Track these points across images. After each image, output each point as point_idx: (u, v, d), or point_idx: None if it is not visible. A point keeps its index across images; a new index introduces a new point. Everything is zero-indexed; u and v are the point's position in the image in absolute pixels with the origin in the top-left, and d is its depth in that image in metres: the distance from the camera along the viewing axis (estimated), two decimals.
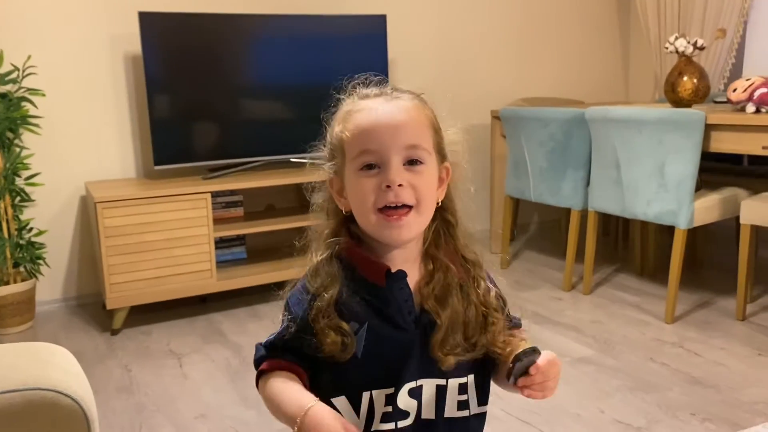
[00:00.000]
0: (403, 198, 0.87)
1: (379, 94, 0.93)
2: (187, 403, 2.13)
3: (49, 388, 0.84)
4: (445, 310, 0.90)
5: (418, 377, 0.91)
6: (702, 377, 2.19)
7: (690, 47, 2.87)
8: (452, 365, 0.90)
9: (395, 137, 0.87)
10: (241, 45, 3.10)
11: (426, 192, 0.89)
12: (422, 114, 0.92)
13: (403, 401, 0.90)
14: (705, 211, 2.64)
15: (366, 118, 0.89)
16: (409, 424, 0.91)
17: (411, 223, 0.88)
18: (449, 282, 0.92)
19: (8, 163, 2.73)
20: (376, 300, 0.90)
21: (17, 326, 2.76)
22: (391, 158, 0.87)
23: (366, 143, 0.88)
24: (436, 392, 0.92)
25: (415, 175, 0.88)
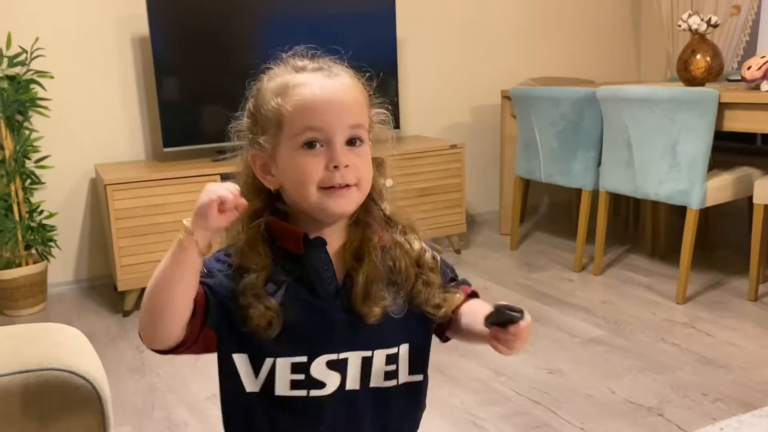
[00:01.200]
0: (348, 179, 0.86)
1: (318, 68, 0.90)
2: (199, 384, 2.14)
3: (62, 369, 0.85)
4: (362, 264, 0.89)
5: (341, 350, 0.89)
6: (713, 357, 2.19)
7: (703, 25, 2.83)
8: (378, 317, 0.88)
9: (341, 116, 0.85)
10: (248, 25, 3.07)
11: (365, 169, 0.88)
12: (360, 91, 0.90)
13: (319, 371, 0.88)
14: (717, 191, 2.62)
15: (310, 93, 0.86)
16: (326, 394, 0.89)
17: (353, 195, 0.87)
18: (367, 236, 0.91)
19: (18, 145, 2.73)
20: (295, 268, 0.88)
21: (30, 308, 2.79)
22: (336, 137, 0.85)
23: (310, 120, 0.85)
24: (362, 364, 0.90)
25: (357, 156, 0.87)
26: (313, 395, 0.89)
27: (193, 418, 1.94)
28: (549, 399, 1.97)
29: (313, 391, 0.89)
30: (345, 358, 0.89)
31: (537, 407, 1.93)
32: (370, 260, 0.89)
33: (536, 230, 3.82)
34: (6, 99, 2.66)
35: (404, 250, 0.92)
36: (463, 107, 3.92)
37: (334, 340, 0.89)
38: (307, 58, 0.92)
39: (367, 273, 0.88)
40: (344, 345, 0.89)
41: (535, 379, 2.09)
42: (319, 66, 0.90)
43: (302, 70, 0.90)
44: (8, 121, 2.71)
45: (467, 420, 1.86)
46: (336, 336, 0.89)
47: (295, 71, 0.90)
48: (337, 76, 0.89)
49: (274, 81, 0.91)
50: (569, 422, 1.84)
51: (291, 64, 0.92)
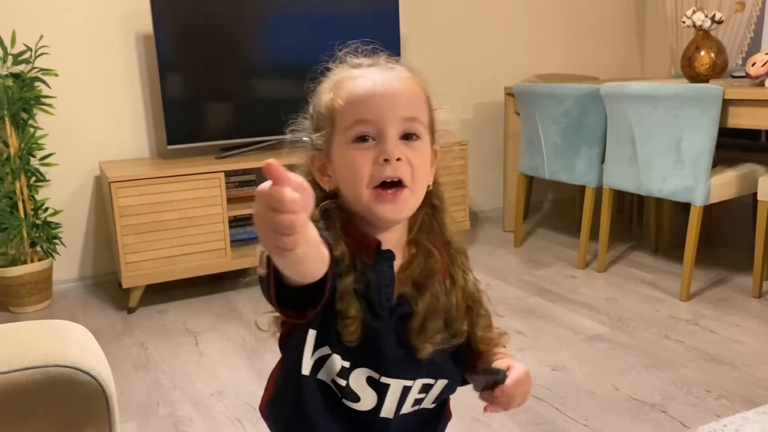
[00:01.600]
0: (400, 173, 0.80)
1: (373, 63, 0.86)
2: (204, 380, 2.15)
3: (68, 365, 0.85)
4: (424, 296, 0.84)
5: (383, 373, 0.84)
6: (717, 354, 2.19)
7: (708, 21, 2.82)
8: (429, 354, 0.84)
9: (393, 107, 0.80)
10: (252, 22, 3.08)
11: (421, 169, 0.82)
12: (419, 86, 0.86)
13: (356, 384, 0.84)
14: (722, 188, 2.61)
15: (361, 85, 0.82)
16: (359, 409, 0.86)
17: (407, 199, 0.82)
18: (431, 267, 0.85)
19: (23, 143, 2.74)
20: (362, 279, 0.82)
21: (35, 305, 2.80)
22: (388, 130, 0.80)
23: (361, 113, 0.80)
24: (401, 393, 0.86)
25: (412, 151, 0.81)
26: (345, 403, 0.86)
27: (198, 415, 1.95)
28: (552, 396, 1.97)
29: (347, 401, 0.86)
30: (387, 384, 0.85)
31: (540, 404, 1.93)
32: (431, 293, 0.84)
33: (540, 227, 3.82)
34: (11, 97, 2.67)
35: (463, 279, 0.88)
36: (467, 104, 3.91)
37: (380, 362, 0.85)
38: (364, 56, 0.88)
39: (428, 306, 0.84)
40: (392, 371, 0.85)
41: (539, 375, 2.09)
42: (375, 62, 0.87)
43: (358, 66, 0.86)
44: (13, 119, 2.71)
45: (471, 417, 1.86)
46: (384, 359, 0.85)
47: (350, 68, 0.86)
48: (393, 69, 0.85)
49: (330, 78, 0.87)
50: (573, 419, 1.84)
51: (348, 62, 0.88)
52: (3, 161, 2.72)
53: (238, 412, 1.95)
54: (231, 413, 1.95)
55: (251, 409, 1.97)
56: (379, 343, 0.83)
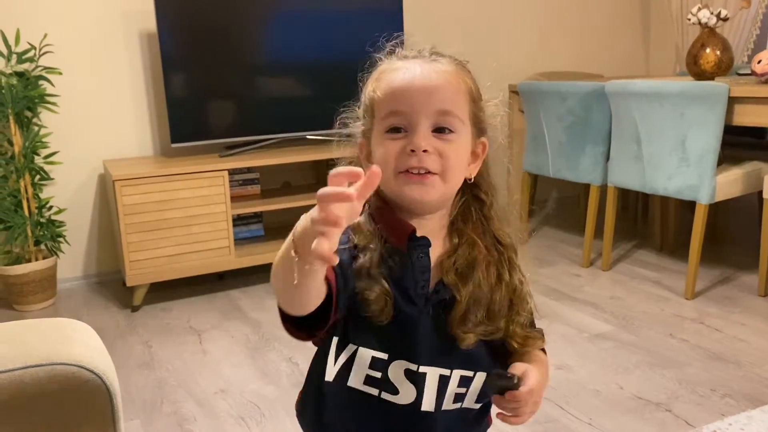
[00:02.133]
0: (427, 164, 0.81)
1: (417, 55, 0.87)
2: (208, 379, 2.15)
3: (72, 363, 0.85)
4: (467, 285, 0.84)
5: (422, 362, 0.85)
6: (722, 353, 2.18)
7: (713, 18, 2.81)
8: (471, 344, 0.85)
9: (427, 100, 0.81)
10: (256, 21, 3.07)
11: (454, 162, 0.82)
12: (460, 80, 0.85)
13: (395, 376, 0.85)
14: (727, 186, 2.60)
15: (399, 78, 0.83)
16: (398, 402, 0.85)
17: (435, 184, 0.82)
18: (474, 256, 0.86)
19: (27, 141, 2.74)
20: (395, 264, 0.83)
21: (39, 303, 2.80)
22: (420, 122, 0.81)
23: (395, 104, 0.82)
24: (439, 382, 0.86)
25: (444, 143, 0.82)
26: (384, 398, 0.86)
27: (201, 413, 1.95)
28: (557, 394, 1.96)
29: (384, 394, 0.85)
30: (424, 372, 0.85)
31: (545, 402, 1.92)
32: (474, 283, 0.84)
33: (544, 225, 3.81)
34: (15, 95, 2.67)
35: (508, 274, 0.88)
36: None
37: (416, 350, 0.85)
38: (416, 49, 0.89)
39: (470, 295, 0.84)
40: (426, 358, 0.85)
41: None
42: (420, 54, 0.87)
43: (404, 58, 0.87)
44: (17, 118, 2.72)
45: None
46: (418, 346, 0.85)
47: (396, 59, 0.88)
48: (434, 62, 0.85)
49: (376, 70, 0.88)
50: (577, 417, 1.84)
51: (396, 54, 0.89)
52: (7, 159, 2.72)
53: (242, 410, 1.95)
54: (235, 412, 1.95)
55: (255, 407, 1.97)
56: (414, 329, 0.84)
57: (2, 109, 2.66)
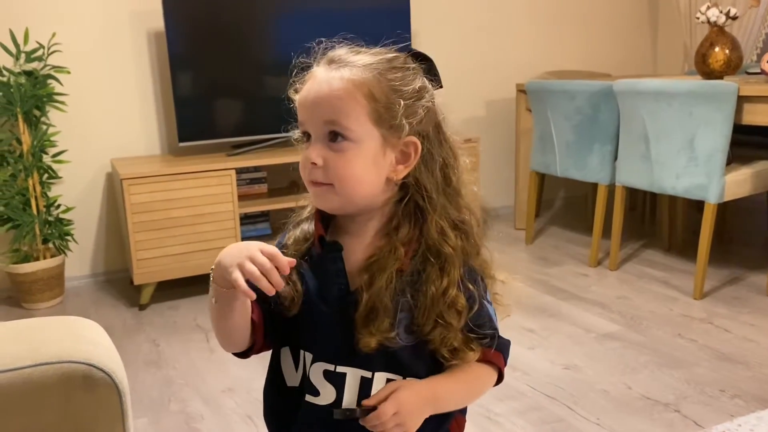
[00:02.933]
0: (315, 177, 0.84)
1: (330, 61, 0.87)
2: (215, 377, 2.16)
3: (82, 361, 0.85)
4: (371, 288, 0.83)
5: (339, 363, 0.85)
6: (731, 353, 2.17)
7: (722, 17, 2.79)
8: (371, 348, 0.82)
9: (315, 111, 0.84)
10: (263, 19, 3.08)
11: (343, 172, 0.82)
12: (354, 85, 0.82)
13: (316, 378, 0.86)
14: (736, 186, 2.59)
15: (304, 88, 0.87)
16: (319, 403, 0.87)
17: (328, 194, 0.84)
18: (387, 262, 0.84)
19: (35, 140, 2.75)
20: (315, 264, 0.88)
21: (47, 301, 2.81)
22: (313, 133, 0.85)
23: (300, 115, 0.87)
24: (360, 384, 0.86)
25: (336, 153, 0.83)
26: (308, 400, 0.88)
27: (209, 411, 1.95)
28: (564, 394, 1.96)
29: (308, 396, 0.88)
30: (343, 373, 0.86)
31: (552, 402, 1.92)
32: (378, 285, 0.83)
33: (551, 225, 3.80)
34: (23, 94, 2.69)
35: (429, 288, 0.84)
36: (478, 101, 3.90)
37: (331, 350, 0.86)
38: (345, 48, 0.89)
39: (373, 298, 0.83)
40: (343, 359, 0.86)
41: (551, 374, 2.08)
42: (337, 59, 0.86)
43: (319, 63, 0.89)
44: (26, 116, 2.73)
45: (482, 415, 1.85)
46: (334, 346, 0.86)
47: (315, 64, 0.90)
48: (341, 68, 0.84)
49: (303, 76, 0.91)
50: (585, 417, 1.83)
51: (326, 56, 0.89)
52: (16, 158, 2.74)
53: (248, 409, 1.95)
54: (242, 410, 1.95)
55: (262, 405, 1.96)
56: (327, 328, 0.86)
57: (11, 108, 2.68)
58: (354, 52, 0.87)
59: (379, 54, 0.87)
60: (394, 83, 0.85)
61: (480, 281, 0.90)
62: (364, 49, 0.88)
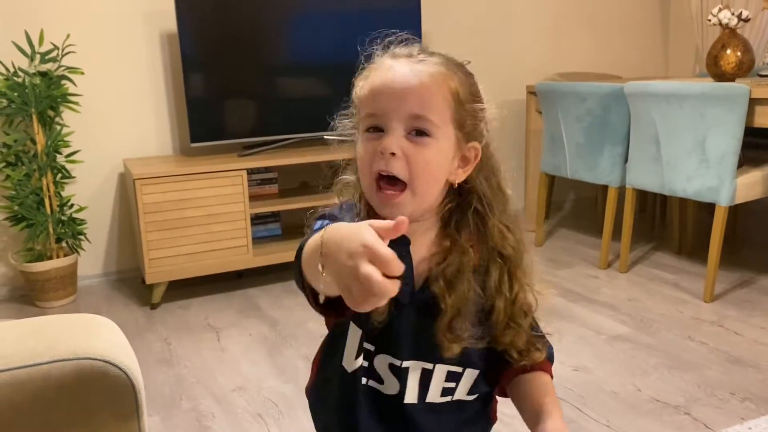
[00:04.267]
0: (393, 168, 0.79)
1: (408, 54, 0.85)
2: (226, 376, 2.17)
3: (98, 358, 0.87)
4: (453, 293, 0.83)
5: (404, 357, 0.86)
6: (742, 356, 2.16)
7: (734, 19, 2.78)
8: (455, 354, 0.84)
9: (400, 103, 0.80)
10: (275, 21, 3.09)
11: (424, 168, 0.80)
12: (443, 82, 0.82)
13: (381, 368, 0.87)
14: (747, 188, 2.58)
15: (379, 78, 0.82)
16: (387, 393, 0.88)
17: (403, 202, 0.81)
18: (463, 266, 0.84)
19: (49, 140, 2.78)
20: None
21: (60, 300, 2.84)
22: (392, 125, 0.80)
23: (372, 105, 0.82)
24: (421, 376, 0.87)
25: (416, 147, 0.80)
26: (373, 386, 0.89)
27: (220, 410, 1.97)
28: (574, 396, 1.96)
29: (372, 382, 0.88)
30: (407, 367, 0.87)
31: (562, 404, 1.90)
32: (462, 292, 0.83)
33: (561, 227, 3.80)
34: (38, 95, 2.71)
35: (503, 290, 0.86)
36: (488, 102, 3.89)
37: (397, 346, 0.86)
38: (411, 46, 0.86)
39: (457, 305, 0.83)
40: (407, 353, 0.86)
41: (560, 375, 2.08)
42: (410, 53, 0.85)
43: (394, 56, 0.85)
44: (40, 117, 2.76)
45: None
46: (400, 343, 0.86)
47: (388, 57, 0.86)
48: (421, 62, 0.83)
49: (368, 66, 0.87)
50: (594, 419, 1.83)
51: (390, 51, 0.87)
52: (30, 158, 2.76)
53: (259, 407, 1.97)
54: (253, 409, 1.96)
55: (273, 404, 1.98)
56: (397, 326, 0.85)
57: (26, 109, 2.70)
58: (425, 50, 0.86)
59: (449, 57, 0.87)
60: (472, 87, 0.86)
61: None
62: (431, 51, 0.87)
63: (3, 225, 2.90)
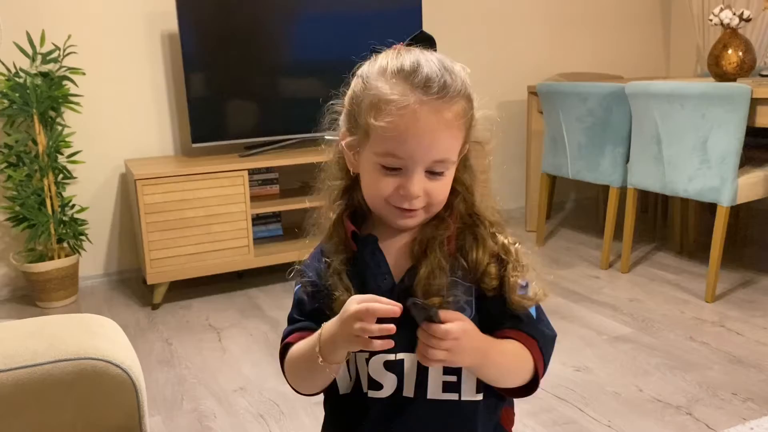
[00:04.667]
0: (415, 206, 0.85)
1: (423, 85, 0.81)
2: (227, 376, 2.17)
3: (99, 358, 0.87)
4: (427, 259, 0.86)
5: (397, 350, 0.86)
6: (744, 356, 2.16)
7: (735, 19, 2.78)
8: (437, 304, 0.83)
9: (427, 152, 0.82)
10: (276, 21, 3.09)
11: (440, 196, 0.86)
12: (463, 121, 0.84)
13: (376, 371, 0.88)
14: (749, 188, 2.58)
15: (403, 123, 0.80)
16: (384, 396, 0.88)
17: (419, 215, 0.87)
18: (438, 233, 0.87)
19: (51, 141, 2.78)
20: (357, 263, 0.89)
21: (62, 300, 2.84)
22: (416, 168, 0.83)
23: (395, 149, 0.82)
24: (417, 368, 0.87)
25: (434, 183, 0.85)
26: (372, 396, 0.89)
27: (221, 410, 1.97)
28: (576, 396, 1.96)
29: (372, 392, 0.89)
30: (401, 359, 0.87)
31: (563, 404, 1.92)
32: (434, 255, 0.86)
33: (563, 227, 3.79)
34: (39, 95, 2.71)
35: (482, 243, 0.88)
36: (489, 103, 3.88)
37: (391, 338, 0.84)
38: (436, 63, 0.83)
39: (431, 267, 0.85)
40: (399, 346, 0.85)
41: (562, 376, 2.08)
42: (425, 83, 0.81)
43: (409, 77, 0.82)
44: (41, 117, 2.76)
45: None
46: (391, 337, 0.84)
47: (399, 77, 0.82)
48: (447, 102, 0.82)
49: (375, 87, 0.84)
50: (596, 419, 1.83)
51: (398, 65, 0.84)
52: (32, 158, 2.77)
53: (261, 407, 1.97)
54: (254, 409, 1.96)
55: (274, 405, 1.98)
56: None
57: (27, 109, 2.71)
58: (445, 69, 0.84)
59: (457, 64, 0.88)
60: (473, 99, 0.88)
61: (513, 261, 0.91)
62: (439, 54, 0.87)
63: (4, 225, 2.91)
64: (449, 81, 0.83)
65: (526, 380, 0.90)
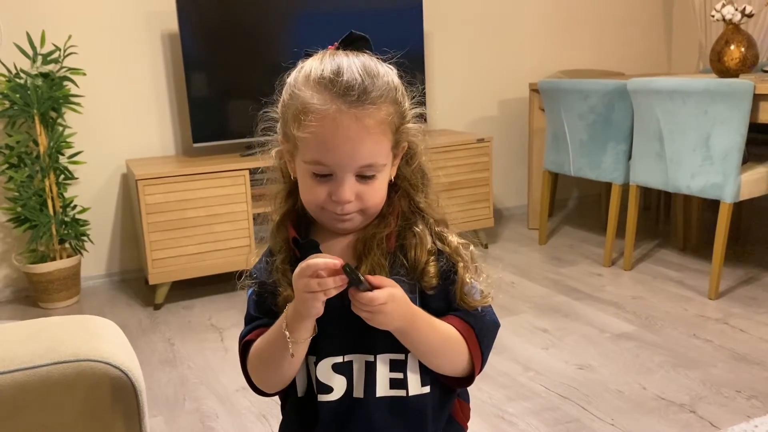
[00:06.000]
0: (347, 210, 0.85)
1: (342, 92, 0.81)
2: (229, 376, 2.17)
3: (98, 360, 0.86)
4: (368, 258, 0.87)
5: (345, 352, 0.88)
6: (747, 354, 2.15)
7: (738, 15, 2.77)
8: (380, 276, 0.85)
9: (351, 159, 0.82)
10: (276, 21, 3.09)
11: (374, 199, 0.87)
12: (387, 124, 0.84)
13: (324, 375, 0.89)
14: (752, 185, 2.57)
15: (325, 130, 0.81)
16: (333, 399, 0.89)
17: (356, 219, 0.88)
18: (378, 232, 0.88)
19: (52, 141, 2.78)
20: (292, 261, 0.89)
21: (63, 301, 2.84)
22: (344, 176, 0.83)
23: (321, 157, 0.83)
24: (365, 369, 0.89)
25: (366, 187, 0.85)
26: (322, 399, 0.90)
27: (223, 410, 1.97)
28: (579, 394, 1.95)
29: (322, 396, 0.90)
30: (350, 361, 0.89)
31: (566, 402, 1.91)
32: (373, 253, 0.87)
33: (565, 224, 3.79)
34: (40, 96, 2.71)
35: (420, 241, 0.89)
36: (491, 101, 3.89)
37: (336, 343, 0.88)
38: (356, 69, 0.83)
39: (370, 265, 0.86)
40: (348, 347, 0.89)
41: (565, 374, 2.08)
42: (346, 88, 0.81)
43: (329, 85, 0.82)
44: (42, 118, 2.76)
45: (496, 415, 1.85)
46: (338, 339, 0.88)
47: (320, 85, 0.83)
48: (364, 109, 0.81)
49: (298, 96, 0.85)
50: (599, 418, 1.82)
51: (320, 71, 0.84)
52: (33, 159, 2.76)
53: (263, 407, 1.96)
54: (256, 409, 1.96)
55: (276, 405, 1.97)
56: (328, 325, 0.87)
57: (28, 110, 2.70)
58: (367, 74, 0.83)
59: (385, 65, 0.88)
60: (402, 102, 0.87)
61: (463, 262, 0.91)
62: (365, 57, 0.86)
63: (6, 226, 2.91)
64: (370, 87, 0.82)
65: (465, 368, 0.91)
